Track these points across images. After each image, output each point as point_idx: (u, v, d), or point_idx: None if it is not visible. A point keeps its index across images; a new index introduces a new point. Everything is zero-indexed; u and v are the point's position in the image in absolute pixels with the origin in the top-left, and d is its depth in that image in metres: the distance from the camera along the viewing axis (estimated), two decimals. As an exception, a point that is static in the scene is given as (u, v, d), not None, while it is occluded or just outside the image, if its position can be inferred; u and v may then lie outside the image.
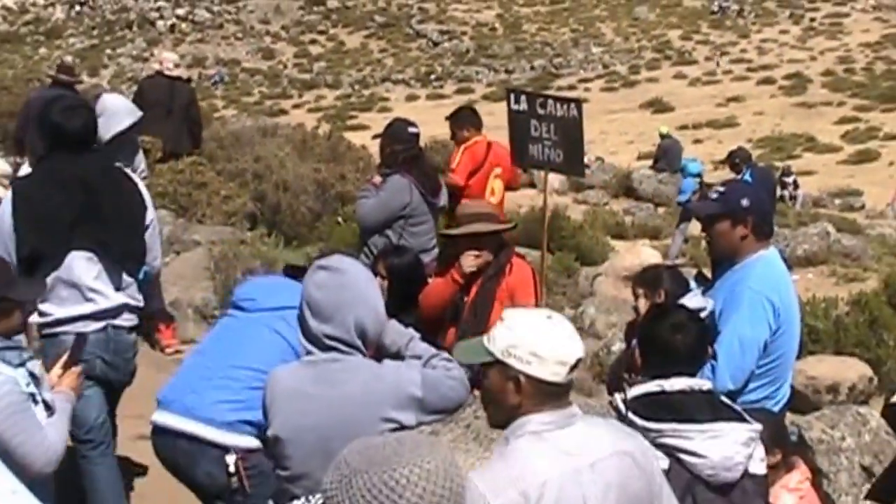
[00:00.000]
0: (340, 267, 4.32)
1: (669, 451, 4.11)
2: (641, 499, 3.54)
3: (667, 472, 4.06)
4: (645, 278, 6.22)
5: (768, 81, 56.30)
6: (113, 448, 6.27)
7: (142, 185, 6.69)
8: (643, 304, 6.06)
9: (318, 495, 2.94)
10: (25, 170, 13.21)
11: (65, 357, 4.94)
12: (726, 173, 26.78)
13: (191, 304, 10.50)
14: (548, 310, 3.70)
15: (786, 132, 45.81)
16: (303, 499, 3.01)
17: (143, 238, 6.46)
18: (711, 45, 66.80)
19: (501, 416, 3.57)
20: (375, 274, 7.17)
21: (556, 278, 13.83)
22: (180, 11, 77.90)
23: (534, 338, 3.47)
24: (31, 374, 4.58)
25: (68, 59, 18.53)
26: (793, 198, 29.90)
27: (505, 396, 3.51)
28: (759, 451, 4.33)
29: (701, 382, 4.41)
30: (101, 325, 6.06)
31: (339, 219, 14.48)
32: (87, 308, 6.10)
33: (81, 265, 6.13)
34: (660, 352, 4.46)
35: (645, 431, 4.09)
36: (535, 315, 3.59)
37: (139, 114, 9.24)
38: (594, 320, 12.65)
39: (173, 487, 5.45)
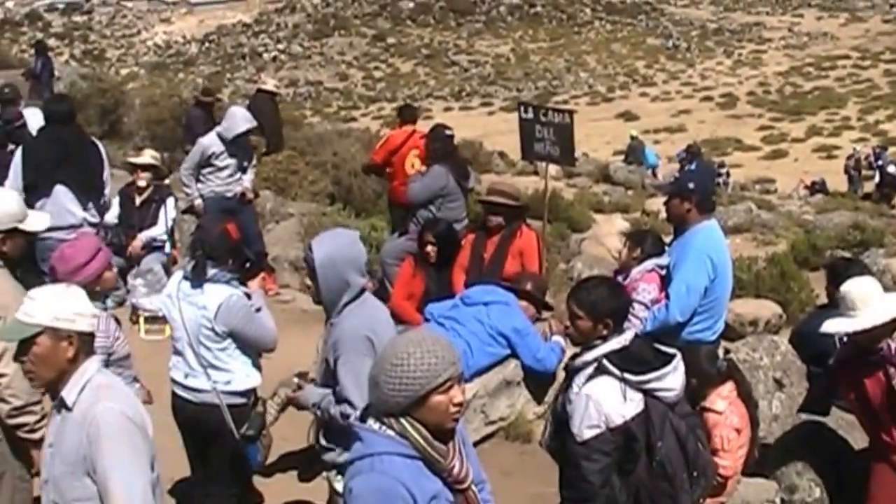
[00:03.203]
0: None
1: (647, 391, 3.93)
2: None
3: (645, 409, 3.90)
4: (633, 237, 6.15)
5: (708, 99, 55.64)
6: None
7: (102, 150, 7.93)
8: (624, 254, 6.01)
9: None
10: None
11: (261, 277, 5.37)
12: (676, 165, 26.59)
13: (286, 259, 10.58)
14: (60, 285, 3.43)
15: (720, 136, 45.37)
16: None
17: (102, 180, 7.74)
18: (667, 72, 66.09)
19: (54, 374, 3.23)
20: (425, 242, 7.16)
21: (553, 241, 13.76)
22: (280, 46, 77.78)
23: (67, 302, 3.23)
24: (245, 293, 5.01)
25: (208, 84, 19.06)
26: (725, 184, 29.58)
27: (59, 355, 3.19)
28: None
29: (631, 332, 4.14)
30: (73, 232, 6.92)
31: (395, 197, 14.43)
32: (64, 222, 7.12)
33: (61, 193, 7.37)
34: (618, 311, 4.15)
35: (637, 384, 3.91)
36: (53, 287, 3.37)
37: (254, 122, 9.50)
38: (581, 272, 12.54)
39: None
